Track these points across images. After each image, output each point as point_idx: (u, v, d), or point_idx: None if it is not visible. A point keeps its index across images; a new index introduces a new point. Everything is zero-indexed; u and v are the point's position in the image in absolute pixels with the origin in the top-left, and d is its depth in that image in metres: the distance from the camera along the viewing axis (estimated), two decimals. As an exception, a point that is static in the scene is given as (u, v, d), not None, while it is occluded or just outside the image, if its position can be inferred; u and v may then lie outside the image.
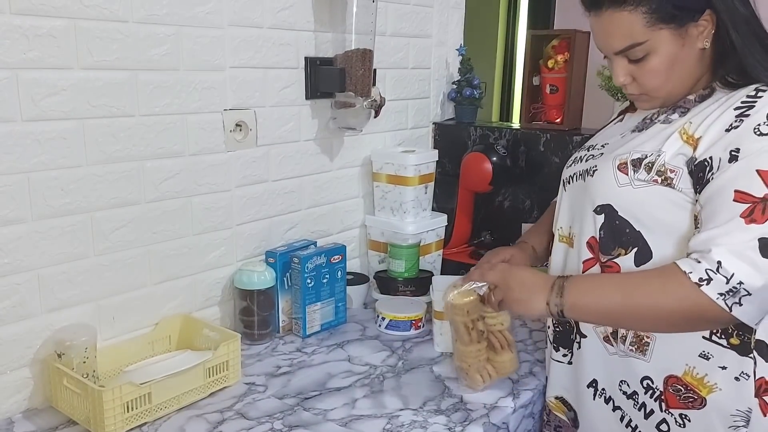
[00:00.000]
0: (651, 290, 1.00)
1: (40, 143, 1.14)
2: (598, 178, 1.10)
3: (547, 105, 1.85)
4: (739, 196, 0.95)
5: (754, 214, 0.94)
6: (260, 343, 1.46)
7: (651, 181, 1.03)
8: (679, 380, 1.06)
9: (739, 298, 0.93)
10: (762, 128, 0.95)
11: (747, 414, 1.02)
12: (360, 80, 1.55)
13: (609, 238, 1.09)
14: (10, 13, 1.07)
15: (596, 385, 1.17)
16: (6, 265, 1.13)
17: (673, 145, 1.03)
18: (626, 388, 1.12)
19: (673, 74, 1.04)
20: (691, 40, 1.02)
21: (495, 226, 1.90)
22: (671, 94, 1.07)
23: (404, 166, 1.71)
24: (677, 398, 1.06)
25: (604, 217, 1.09)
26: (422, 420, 1.17)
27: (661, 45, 1.01)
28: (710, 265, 0.95)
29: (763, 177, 0.94)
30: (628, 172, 1.06)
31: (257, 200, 1.53)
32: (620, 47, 1.04)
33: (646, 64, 1.04)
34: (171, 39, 1.29)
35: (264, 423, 1.15)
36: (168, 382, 1.16)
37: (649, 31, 1.01)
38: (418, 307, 1.56)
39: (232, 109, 1.43)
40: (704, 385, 1.04)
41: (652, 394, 1.09)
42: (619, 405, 1.14)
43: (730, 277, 0.93)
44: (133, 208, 1.29)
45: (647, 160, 1.04)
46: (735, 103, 1.00)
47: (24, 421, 1.16)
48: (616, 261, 1.09)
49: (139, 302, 1.34)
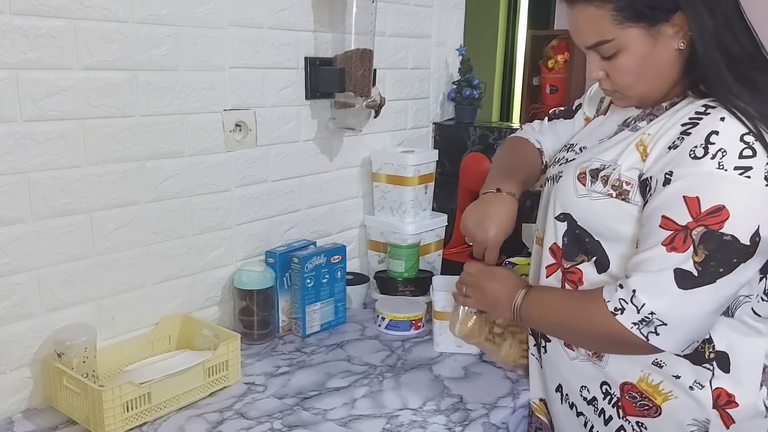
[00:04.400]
0: (579, 314, 1.02)
1: (40, 143, 1.14)
2: (561, 186, 1.09)
3: (547, 105, 1.85)
4: (665, 222, 0.93)
5: (674, 243, 0.92)
6: (260, 343, 1.46)
7: (606, 194, 1.01)
8: (634, 387, 1.04)
9: (654, 327, 0.93)
10: (697, 151, 0.91)
11: (704, 424, 0.99)
12: (360, 80, 1.55)
13: (572, 245, 1.08)
14: (10, 13, 1.07)
15: (561, 390, 1.15)
16: (6, 265, 1.13)
17: (628, 157, 1.00)
18: (586, 393, 1.10)
19: (646, 74, 1.00)
20: (664, 40, 0.97)
21: (495, 226, 1.90)
22: (646, 94, 1.03)
23: (404, 166, 1.71)
24: (633, 405, 1.04)
25: (566, 224, 1.08)
26: (422, 420, 1.17)
27: (631, 43, 0.97)
28: (625, 294, 0.95)
29: (689, 204, 0.91)
30: (586, 183, 1.04)
31: (257, 200, 1.53)
32: (589, 43, 1.02)
33: (617, 62, 1.00)
34: (171, 39, 1.29)
35: (263, 423, 1.15)
36: (168, 381, 1.16)
37: (617, 28, 0.97)
38: (418, 307, 1.56)
39: (232, 109, 1.43)
40: (659, 393, 1.02)
41: (610, 400, 1.07)
42: (582, 411, 1.12)
43: (641, 307, 0.93)
44: (133, 208, 1.29)
45: (604, 172, 1.02)
46: (683, 118, 0.97)
47: (24, 421, 1.16)
48: (579, 267, 1.08)
49: (138, 302, 1.34)
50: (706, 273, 0.91)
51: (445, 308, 1.43)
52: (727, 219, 0.89)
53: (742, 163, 0.90)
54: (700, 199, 0.90)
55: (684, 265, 0.91)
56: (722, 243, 0.90)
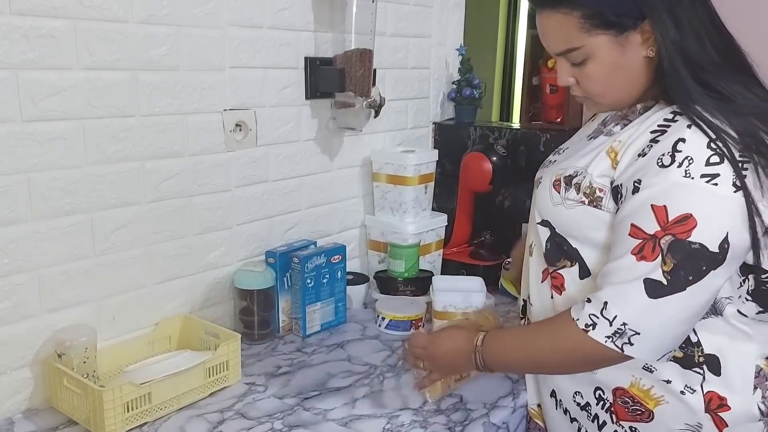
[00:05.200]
0: (546, 343, 1.02)
1: (40, 143, 1.14)
2: (540, 193, 1.10)
3: (546, 105, 1.85)
4: (634, 231, 0.93)
5: (644, 251, 0.92)
6: (260, 343, 1.46)
7: (579, 202, 1.02)
8: (626, 392, 1.03)
9: (628, 338, 0.93)
10: (665, 159, 0.91)
11: (697, 428, 0.99)
12: (360, 80, 1.55)
13: (554, 250, 1.08)
14: (10, 13, 1.07)
15: (556, 396, 1.15)
16: (6, 266, 1.13)
17: (599, 164, 1.00)
18: (580, 399, 1.10)
19: (615, 81, 1.00)
20: (633, 47, 0.97)
21: (495, 226, 1.90)
22: (618, 101, 1.03)
23: (404, 166, 1.71)
24: (626, 410, 1.04)
25: (548, 230, 1.09)
26: (422, 420, 1.17)
27: (599, 51, 0.97)
28: (596, 307, 0.94)
29: (657, 213, 0.91)
30: (560, 190, 1.04)
31: (257, 200, 1.53)
32: (558, 50, 1.01)
33: (586, 69, 1.00)
34: (171, 39, 1.29)
35: (264, 423, 1.15)
36: (168, 382, 1.16)
37: (585, 36, 0.97)
38: (418, 307, 1.56)
39: (232, 109, 1.43)
40: (651, 398, 1.02)
41: (603, 405, 1.07)
42: (575, 417, 1.12)
43: (613, 319, 0.93)
44: (133, 209, 1.29)
45: (576, 179, 1.02)
46: (652, 126, 0.97)
47: (24, 421, 1.16)
48: (561, 272, 1.08)
49: (139, 302, 1.34)
50: (675, 281, 0.90)
51: (445, 308, 1.43)
52: (695, 227, 0.89)
53: (709, 171, 0.89)
54: (667, 207, 0.90)
55: (653, 275, 0.91)
56: (690, 251, 0.89)
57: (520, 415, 1.25)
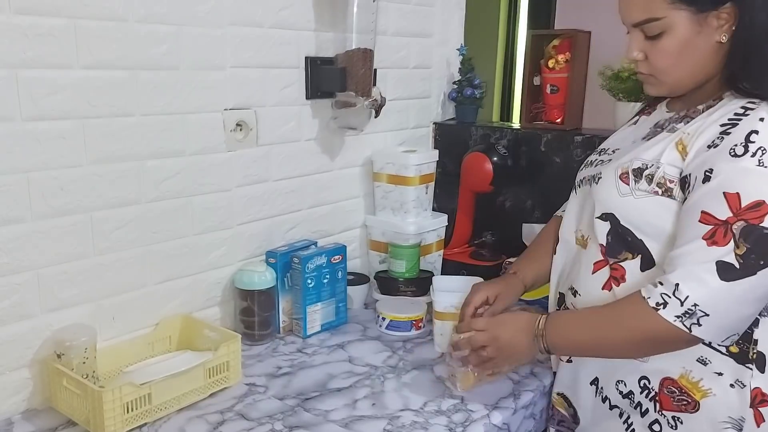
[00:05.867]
0: (609, 324, 1.04)
1: (39, 143, 1.14)
2: (602, 186, 1.12)
3: (547, 105, 1.85)
4: (704, 217, 0.96)
5: (715, 237, 0.95)
6: (261, 344, 1.46)
7: (652, 192, 1.04)
8: (675, 382, 1.06)
9: (697, 318, 0.95)
10: (737, 149, 0.95)
11: (739, 423, 1.02)
12: (361, 80, 1.55)
13: (615, 242, 1.11)
14: (10, 12, 1.07)
15: (597, 383, 1.17)
16: (6, 265, 1.13)
17: (669, 155, 1.04)
18: (623, 387, 1.13)
19: (684, 60, 1.03)
20: (708, 30, 1.00)
21: (496, 226, 1.90)
22: (679, 82, 1.06)
23: (405, 166, 1.71)
24: (671, 400, 1.07)
25: (609, 223, 1.10)
26: (423, 421, 1.17)
27: (678, 25, 1.00)
28: (667, 288, 0.97)
29: (729, 200, 0.94)
30: (629, 182, 1.07)
31: (258, 200, 1.52)
32: (638, 19, 1.04)
33: (659, 43, 1.03)
34: (171, 38, 1.29)
35: (264, 424, 1.15)
36: (168, 382, 1.16)
37: (669, 7, 1.00)
38: (419, 308, 1.56)
39: (233, 108, 1.43)
40: (698, 389, 1.04)
41: (648, 394, 1.09)
42: (616, 404, 1.14)
43: (684, 299, 0.96)
44: (133, 208, 1.29)
45: (648, 171, 1.05)
46: (722, 119, 1.00)
47: (23, 422, 1.16)
48: (622, 264, 1.10)
49: (139, 302, 1.33)
50: (747, 265, 0.93)
51: (446, 308, 1.42)
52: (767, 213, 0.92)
53: None
54: (740, 194, 0.94)
55: (726, 258, 0.94)
56: (762, 236, 0.93)
57: (521, 416, 1.24)
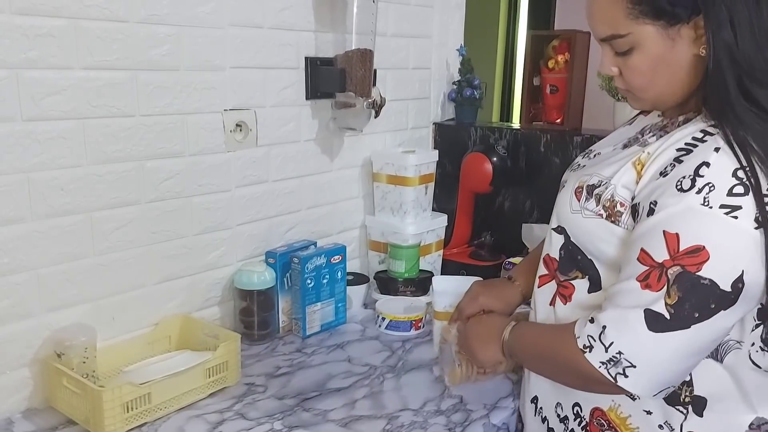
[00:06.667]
0: (553, 349, 0.98)
1: (40, 143, 1.14)
2: (560, 198, 1.05)
3: (547, 105, 1.85)
4: (642, 255, 0.86)
5: (649, 279, 0.85)
6: (260, 344, 1.46)
7: (597, 214, 0.96)
8: (604, 414, 1.00)
9: (623, 368, 0.87)
10: (684, 183, 0.84)
11: None
12: (360, 81, 1.55)
13: (567, 259, 1.03)
14: (10, 12, 1.07)
15: (536, 403, 1.13)
16: (5, 265, 1.13)
17: (624, 175, 0.94)
18: (560, 411, 1.07)
19: (659, 77, 0.92)
20: (683, 43, 0.89)
21: (495, 226, 1.90)
22: (659, 98, 0.96)
23: (404, 167, 1.71)
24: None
25: (563, 237, 1.04)
26: (422, 421, 1.17)
27: (647, 41, 0.90)
28: (595, 330, 0.89)
29: (668, 240, 0.84)
30: (580, 199, 0.99)
31: (257, 200, 1.53)
32: (602, 35, 0.94)
33: (630, 59, 0.93)
34: (171, 39, 1.29)
35: (264, 423, 1.15)
36: (168, 382, 1.16)
37: (632, 23, 0.89)
38: (419, 308, 1.56)
39: (233, 109, 1.43)
40: (627, 427, 0.98)
41: (580, 422, 1.04)
42: (552, 427, 1.09)
43: (609, 345, 0.87)
44: (132, 208, 1.29)
45: (598, 190, 0.96)
46: (679, 142, 0.89)
47: (23, 421, 1.16)
48: (573, 283, 1.03)
49: (138, 302, 1.33)
50: (679, 317, 0.84)
51: (446, 308, 1.42)
52: (706, 261, 0.82)
53: (731, 202, 0.82)
54: (679, 236, 0.84)
55: (655, 306, 0.85)
56: (698, 286, 0.83)
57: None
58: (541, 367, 1.07)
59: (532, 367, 1.11)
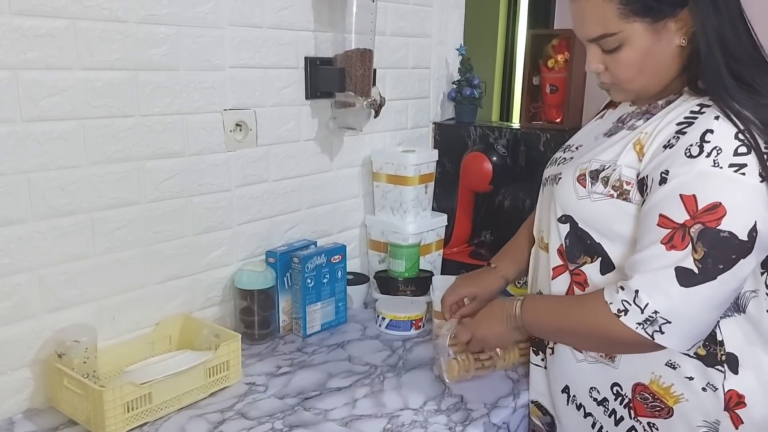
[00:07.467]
0: (580, 318, 1.04)
1: (40, 143, 1.14)
2: (561, 188, 1.10)
3: (547, 104, 1.85)
4: (662, 220, 0.94)
5: (673, 241, 0.93)
6: (261, 343, 1.46)
7: (607, 195, 1.02)
8: (647, 388, 1.04)
9: (659, 326, 0.94)
10: (692, 150, 0.93)
11: (714, 425, 1.00)
12: (360, 80, 1.55)
13: (574, 246, 1.09)
14: (10, 13, 1.07)
15: (568, 392, 1.15)
16: (6, 265, 1.13)
17: (626, 156, 1.01)
18: (596, 394, 1.11)
19: (647, 68, 1.00)
20: (668, 35, 0.98)
21: (495, 225, 1.90)
22: (645, 88, 1.04)
23: (404, 166, 1.71)
24: (645, 407, 1.05)
25: (568, 226, 1.09)
26: (423, 420, 1.17)
27: (635, 37, 0.98)
28: (628, 295, 0.96)
29: (686, 202, 0.92)
30: (586, 185, 1.05)
31: (257, 200, 1.53)
32: (593, 35, 1.01)
33: (619, 55, 1.00)
34: (171, 39, 1.29)
35: (264, 423, 1.15)
36: (168, 382, 1.16)
37: (622, 22, 0.97)
38: (419, 307, 1.56)
39: (232, 109, 1.43)
40: (670, 395, 1.02)
41: (622, 401, 1.08)
42: (591, 412, 1.12)
43: (644, 307, 0.94)
44: (133, 208, 1.29)
45: (604, 173, 1.03)
46: (678, 117, 0.98)
47: (25, 421, 1.16)
48: (582, 269, 1.09)
49: (139, 302, 1.33)
50: (706, 270, 0.91)
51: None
52: (724, 216, 0.90)
53: (737, 161, 0.91)
54: (696, 197, 0.91)
55: (684, 263, 0.92)
56: (720, 239, 0.91)
57: (520, 414, 1.25)
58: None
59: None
